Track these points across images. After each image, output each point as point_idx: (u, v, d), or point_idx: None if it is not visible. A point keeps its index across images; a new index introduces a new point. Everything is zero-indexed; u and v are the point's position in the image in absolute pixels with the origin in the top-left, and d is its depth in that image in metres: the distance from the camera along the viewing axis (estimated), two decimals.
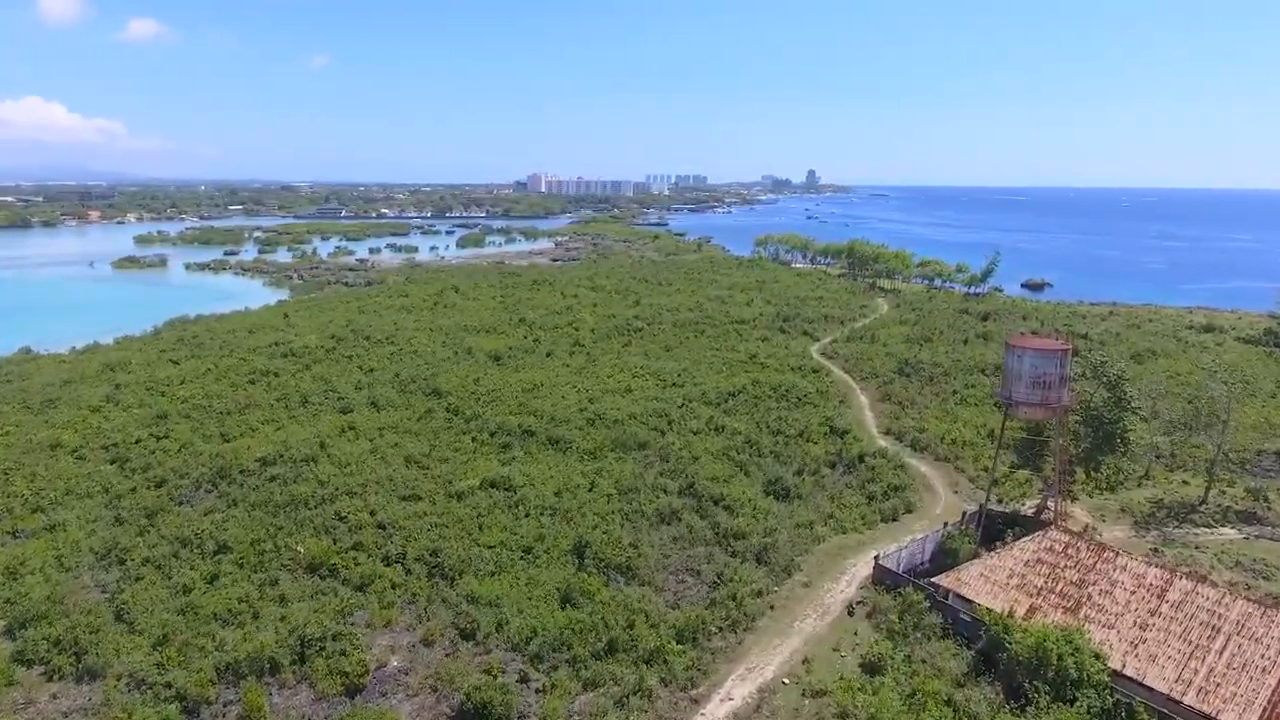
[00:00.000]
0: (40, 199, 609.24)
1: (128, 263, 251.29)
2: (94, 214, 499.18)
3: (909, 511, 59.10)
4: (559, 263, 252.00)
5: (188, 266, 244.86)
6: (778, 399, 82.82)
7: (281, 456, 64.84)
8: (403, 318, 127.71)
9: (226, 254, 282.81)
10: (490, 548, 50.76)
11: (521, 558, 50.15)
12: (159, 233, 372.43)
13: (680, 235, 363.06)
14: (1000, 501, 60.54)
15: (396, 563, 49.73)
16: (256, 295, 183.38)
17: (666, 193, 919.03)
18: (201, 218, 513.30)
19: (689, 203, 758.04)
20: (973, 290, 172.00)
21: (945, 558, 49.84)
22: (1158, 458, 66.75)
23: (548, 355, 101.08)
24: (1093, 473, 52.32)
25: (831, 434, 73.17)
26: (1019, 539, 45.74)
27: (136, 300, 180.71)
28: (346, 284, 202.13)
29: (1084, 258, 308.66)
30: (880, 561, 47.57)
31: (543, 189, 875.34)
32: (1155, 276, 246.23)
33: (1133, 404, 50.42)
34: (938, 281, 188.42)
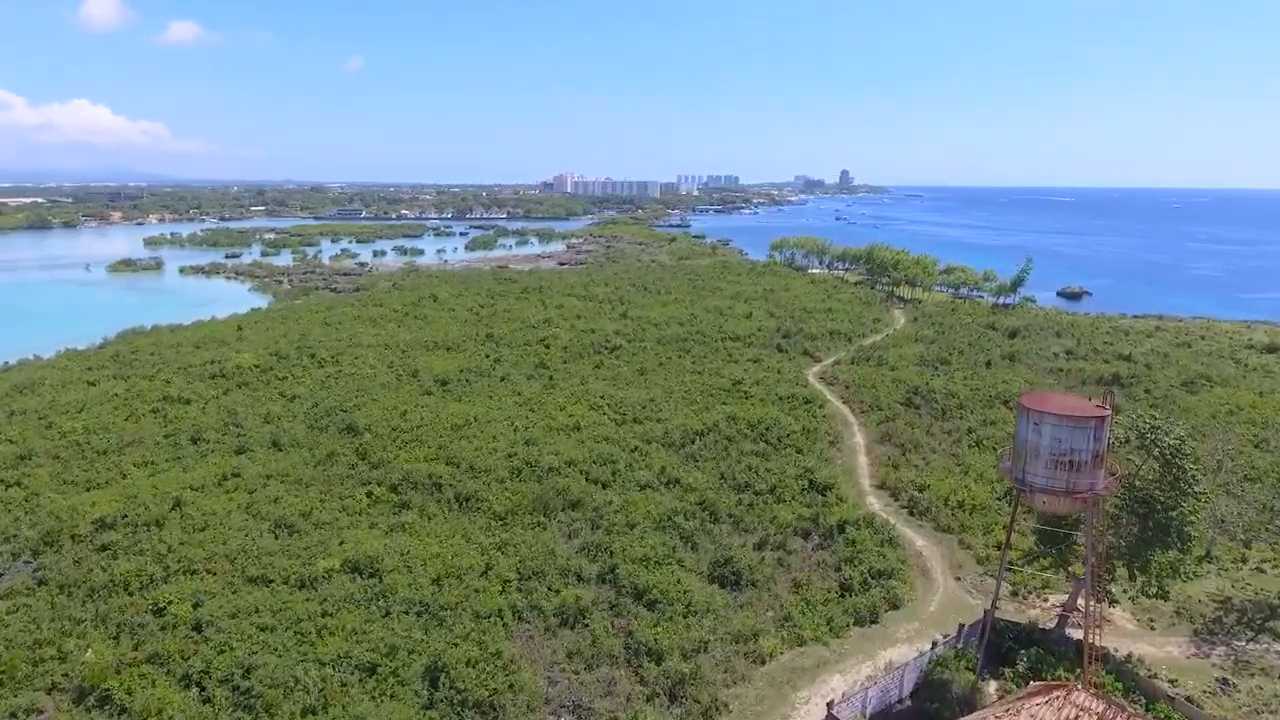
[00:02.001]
0: (70, 200, 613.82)
1: (122, 266, 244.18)
2: (116, 215, 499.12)
3: (894, 608, 45.56)
4: (566, 266, 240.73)
5: (182, 270, 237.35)
6: (754, 439, 69.48)
7: (124, 518, 53.19)
8: (363, 331, 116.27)
9: (228, 257, 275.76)
10: (324, 664, 38.37)
11: (361, 680, 37.70)
12: (172, 234, 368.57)
13: (699, 238, 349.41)
14: (1015, 594, 46.89)
15: (196, 685, 37.58)
16: (238, 301, 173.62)
17: (696, 193, 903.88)
18: (221, 219, 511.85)
19: (715, 203, 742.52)
20: (1001, 301, 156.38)
21: (931, 696, 36.45)
22: (1222, 528, 52.25)
23: (502, 380, 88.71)
24: (1139, 574, 38.84)
25: (810, 490, 59.72)
26: (1031, 688, 32.20)
27: (110, 306, 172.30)
28: (334, 290, 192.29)
29: (1128, 262, 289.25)
30: (834, 712, 34.23)
31: (568, 189, 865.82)
32: (1207, 284, 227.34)
33: (1196, 487, 36.78)
34: (964, 290, 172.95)
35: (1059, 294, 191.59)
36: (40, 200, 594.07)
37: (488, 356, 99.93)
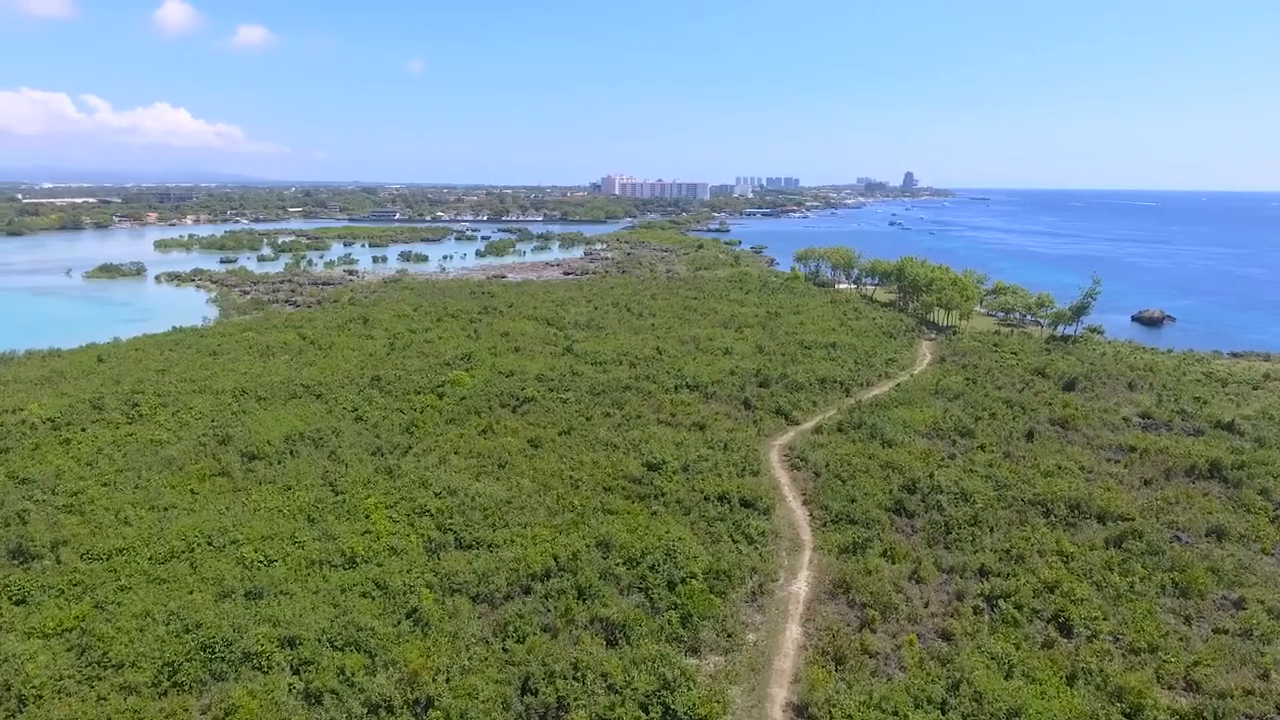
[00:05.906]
0: (120, 200, 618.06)
1: (101, 272, 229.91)
2: (152, 216, 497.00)
3: None
4: (571, 276, 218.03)
5: (158, 278, 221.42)
6: (626, 588, 43.91)
7: None
8: (233, 367, 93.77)
9: (222, 262, 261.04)
10: None
11: None
12: (189, 236, 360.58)
13: (732, 244, 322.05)
14: None
15: None
16: (185, 314, 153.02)
17: (750, 195, 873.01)
18: (256, 219, 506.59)
19: (766, 206, 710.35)
20: (1060, 330, 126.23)
21: None
22: None
23: (331, 455, 64.43)
24: None
25: None
26: None
27: (39, 320, 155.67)
28: (294, 304, 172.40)
29: (1217, 277, 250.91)
30: None
31: (616, 191, 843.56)
32: None
33: None
34: (1015, 315, 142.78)
35: (1134, 319, 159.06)
36: (91, 200, 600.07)
37: (353, 410, 76.22)
